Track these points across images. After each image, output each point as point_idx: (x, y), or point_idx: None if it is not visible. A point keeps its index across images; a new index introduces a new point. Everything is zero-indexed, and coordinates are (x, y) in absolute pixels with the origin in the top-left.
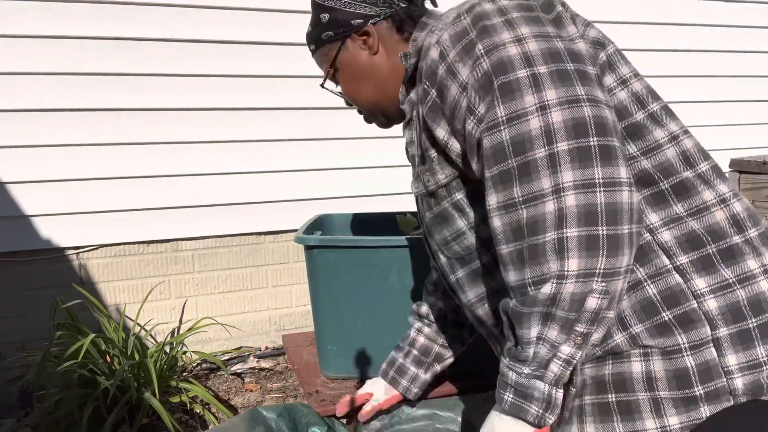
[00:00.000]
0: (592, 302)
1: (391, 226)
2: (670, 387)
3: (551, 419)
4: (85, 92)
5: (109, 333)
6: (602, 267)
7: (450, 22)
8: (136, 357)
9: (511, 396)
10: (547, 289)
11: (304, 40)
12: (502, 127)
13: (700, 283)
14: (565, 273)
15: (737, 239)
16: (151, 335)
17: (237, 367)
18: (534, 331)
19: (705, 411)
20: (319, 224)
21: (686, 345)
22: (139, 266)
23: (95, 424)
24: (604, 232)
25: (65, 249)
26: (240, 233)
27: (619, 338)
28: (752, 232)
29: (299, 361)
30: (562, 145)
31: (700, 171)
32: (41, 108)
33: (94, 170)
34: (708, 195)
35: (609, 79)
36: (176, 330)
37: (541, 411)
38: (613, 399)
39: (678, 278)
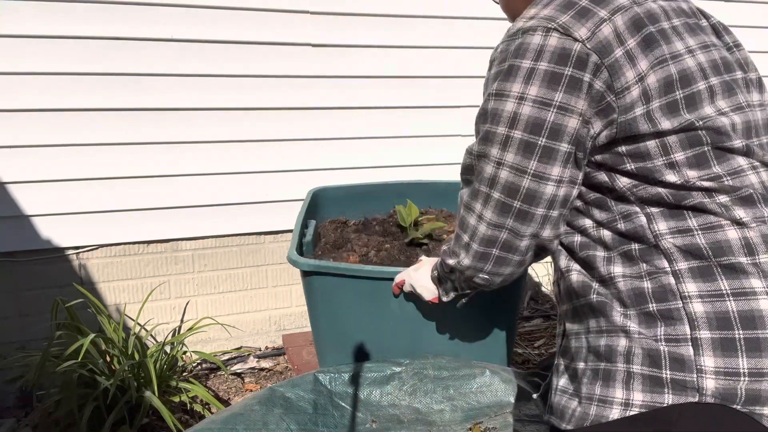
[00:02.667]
0: (493, 236)
1: (390, 197)
2: (642, 363)
3: (442, 299)
4: (85, 92)
5: (109, 333)
6: (509, 226)
7: (511, 33)
8: (136, 357)
9: (436, 272)
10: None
11: (306, 41)
12: (472, 156)
13: (691, 287)
14: (482, 216)
15: (743, 260)
16: (151, 335)
17: (237, 367)
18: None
19: (668, 398)
20: (314, 205)
21: (663, 336)
22: (139, 266)
23: (95, 424)
24: (517, 206)
25: (65, 249)
26: (240, 233)
27: (616, 315)
28: (764, 258)
29: (299, 361)
30: (495, 194)
31: (719, 201)
32: (41, 108)
33: (94, 170)
34: (723, 218)
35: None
36: (176, 330)
37: (441, 290)
38: (602, 366)
39: (672, 280)
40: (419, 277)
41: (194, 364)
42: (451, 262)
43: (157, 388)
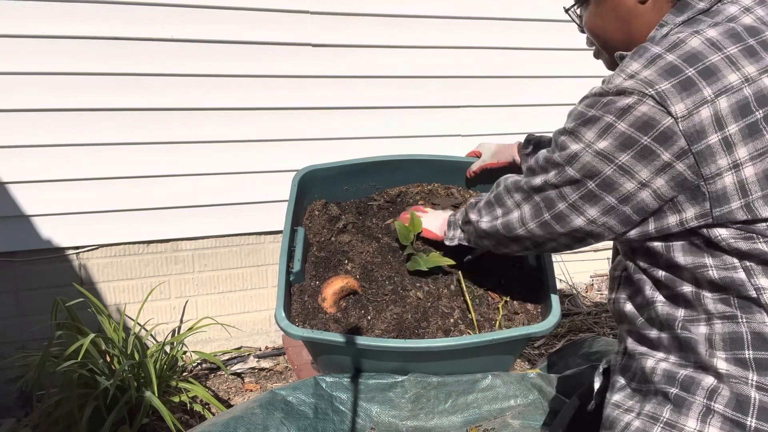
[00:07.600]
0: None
1: (389, 173)
2: (727, 405)
3: (445, 242)
4: (85, 92)
5: (109, 333)
6: (530, 228)
7: (609, 86)
8: (136, 357)
9: (452, 217)
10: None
11: (306, 41)
12: (537, 163)
13: None
14: (519, 206)
15: None
16: (151, 335)
17: (237, 367)
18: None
19: None
20: (302, 193)
21: (755, 383)
22: (139, 266)
23: (95, 424)
24: (546, 218)
25: (65, 249)
26: (240, 233)
27: (706, 353)
28: None
29: (299, 361)
30: (534, 199)
31: None
32: (41, 108)
33: (95, 170)
34: None
35: (714, 168)
36: (176, 330)
37: (449, 233)
38: (673, 392)
39: None
40: (435, 216)
41: (194, 364)
42: (473, 216)
43: (157, 388)
